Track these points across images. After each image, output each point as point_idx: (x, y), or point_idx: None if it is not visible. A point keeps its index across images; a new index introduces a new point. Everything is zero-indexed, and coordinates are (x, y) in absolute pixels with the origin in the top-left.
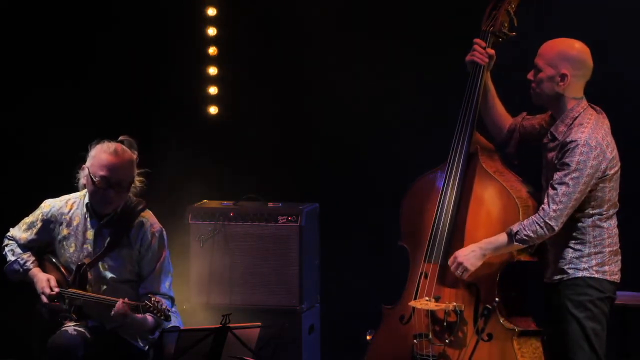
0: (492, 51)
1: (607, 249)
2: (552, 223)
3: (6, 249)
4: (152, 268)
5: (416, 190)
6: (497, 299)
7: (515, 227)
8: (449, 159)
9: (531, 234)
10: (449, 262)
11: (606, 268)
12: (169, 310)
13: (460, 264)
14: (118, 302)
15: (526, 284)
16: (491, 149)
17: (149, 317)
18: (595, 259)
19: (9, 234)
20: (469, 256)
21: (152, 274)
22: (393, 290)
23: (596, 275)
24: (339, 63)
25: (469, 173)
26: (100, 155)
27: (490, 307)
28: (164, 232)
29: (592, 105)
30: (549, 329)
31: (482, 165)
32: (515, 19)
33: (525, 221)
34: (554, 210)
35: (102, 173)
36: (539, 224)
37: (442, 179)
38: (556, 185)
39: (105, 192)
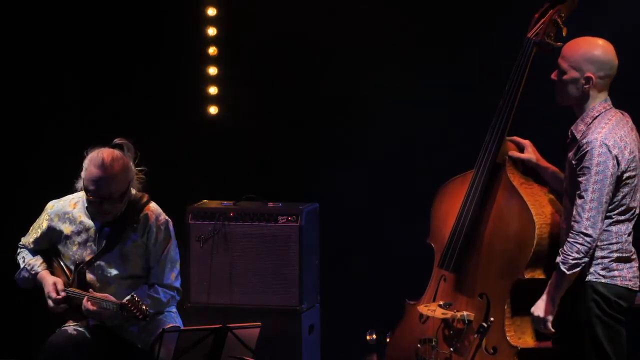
0: None
1: (615, 254)
2: (589, 232)
3: (18, 257)
4: (157, 260)
5: (445, 192)
6: (492, 319)
7: (558, 259)
8: (476, 167)
9: (577, 255)
10: (534, 322)
11: (615, 273)
12: (147, 311)
13: (537, 317)
14: (83, 300)
15: None
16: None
17: None
18: (602, 264)
19: (20, 242)
20: (541, 307)
21: (157, 266)
22: (393, 290)
23: (604, 280)
24: (340, 62)
25: (495, 184)
26: (90, 168)
27: (485, 325)
28: (170, 223)
29: (619, 110)
30: (565, 342)
31: (508, 176)
32: (564, 29)
33: (564, 247)
34: (587, 219)
35: (92, 188)
36: (577, 242)
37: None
38: (583, 194)
39: (100, 205)
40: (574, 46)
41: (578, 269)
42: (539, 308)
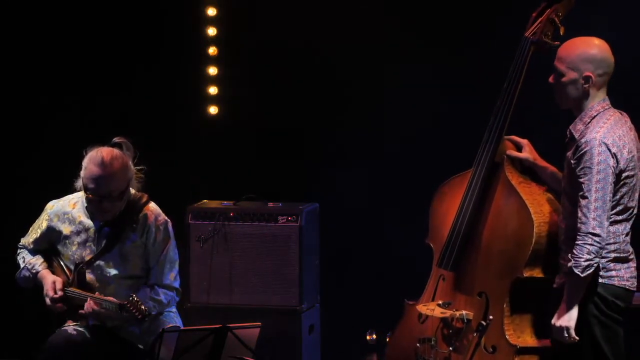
0: None
1: (613, 254)
2: (597, 231)
3: (18, 257)
4: (157, 260)
5: (444, 192)
6: (490, 317)
7: (570, 264)
8: (474, 166)
9: (588, 256)
10: (555, 334)
11: (613, 273)
12: (146, 311)
13: (560, 327)
14: (87, 302)
15: (544, 301)
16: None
17: None
18: (599, 263)
19: (20, 243)
20: (562, 317)
21: (156, 266)
22: (393, 290)
23: (601, 281)
24: (340, 62)
25: (494, 183)
26: (89, 166)
27: (484, 323)
28: (169, 224)
29: (618, 110)
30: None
31: (507, 175)
32: (561, 28)
33: (574, 250)
34: (594, 219)
35: (91, 186)
36: (587, 243)
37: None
38: (586, 194)
39: (99, 204)
40: (569, 47)
41: (591, 270)
42: (559, 317)
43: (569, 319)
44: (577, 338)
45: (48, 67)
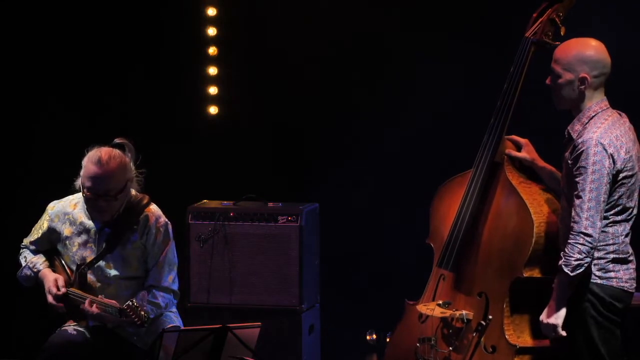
0: None
1: (612, 255)
2: (589, 231)
3: (20, 257)
4: (156, 262)
5: (444, 192)
6: (490, 317)
7: (560, 262)
8: (474, 166)
9: (578, 255)
10: (544, 330)
11: (612, 274)
12: (145, 317)
13: (547, 325)
14: (85, 302)
15: (544, 302)
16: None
17: None
18: (598, 264)
19: (22, 243)
20: (549, 314)
21: (155, 267)
22: (393, 290)
23: (599, 281)
24: (339, 62)
25: (494, 183)
26: (87, 165)
27: (483, 323)
28: (170, 226)
29: (617, 110)
30: (562, 341)
31: (507, 175)
32: (562, 28)
33: (566, 249)
34: (586, 219)
35: (88, 185)
36: (578, 242)
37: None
38: (580, 194)
39: (95, 202)
40: (565, 49)
41: (581, 269)
42: (547, 314)
43: (557, 316)
44: (564, 334)
45: (49, 67)
